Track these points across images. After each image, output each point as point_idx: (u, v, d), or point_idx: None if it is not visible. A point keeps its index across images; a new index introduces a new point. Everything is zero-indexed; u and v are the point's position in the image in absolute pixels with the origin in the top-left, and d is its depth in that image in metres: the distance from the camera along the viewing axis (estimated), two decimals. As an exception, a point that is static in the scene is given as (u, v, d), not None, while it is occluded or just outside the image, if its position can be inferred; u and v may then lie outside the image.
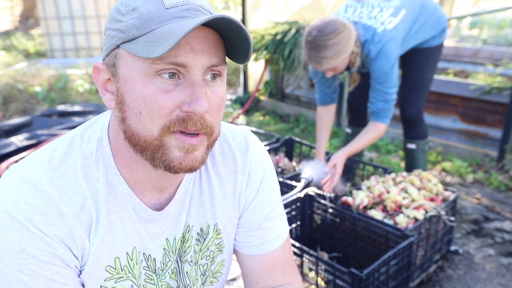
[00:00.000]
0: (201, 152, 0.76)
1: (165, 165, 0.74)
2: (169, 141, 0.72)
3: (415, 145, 2.63)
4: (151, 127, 0.71)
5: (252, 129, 3.33)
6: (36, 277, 0.71)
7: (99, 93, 0.78)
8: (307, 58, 2.13)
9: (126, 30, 0.70)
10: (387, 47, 2.16)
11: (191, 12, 0.69)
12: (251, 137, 0.98)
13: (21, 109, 4.98)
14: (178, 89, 0.70)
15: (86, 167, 0.79)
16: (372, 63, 2.21)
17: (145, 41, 0.68)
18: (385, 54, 2.16)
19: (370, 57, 2.19)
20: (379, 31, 2.17)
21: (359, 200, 2.07)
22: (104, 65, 0.76)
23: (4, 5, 12.11)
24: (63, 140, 0.82)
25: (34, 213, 0.72)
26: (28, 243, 0.71)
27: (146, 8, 0.69)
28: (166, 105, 0.70)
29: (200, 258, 0.94)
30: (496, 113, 3.46)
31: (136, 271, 0.85)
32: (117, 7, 0.73)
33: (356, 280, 1.60)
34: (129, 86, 0.72)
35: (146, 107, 0.70)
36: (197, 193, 0.91)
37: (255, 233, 0.98)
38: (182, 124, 0.71)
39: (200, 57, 0.70)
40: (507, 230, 2.55)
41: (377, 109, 2.27)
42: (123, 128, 0.75)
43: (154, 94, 0.69)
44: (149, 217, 0.85)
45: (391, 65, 2.18)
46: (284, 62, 4.48)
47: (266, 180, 0.98)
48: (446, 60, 4.31)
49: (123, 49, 0.71)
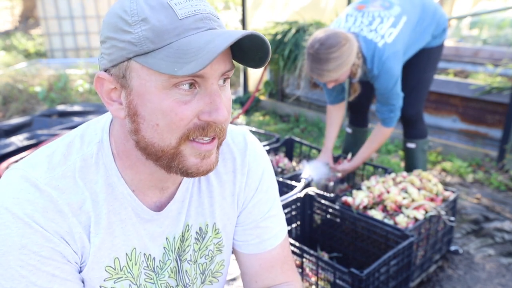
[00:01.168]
0: (215, 155, 0.78)
1: (182, 171, 0.76)
2: (185, 149, 0.74)
3: (415, 144, 2.64)
4: (169, 137, 0.72)
5: (252, 129, 3.33)
6: (37, 272, 0.72)
7: (104, 103, 0.77)
8: (309, 70, 2.15)
9: (139, 43, 0.68)
10: (389, 64, 2.17)
11: (204, 22, 0.69)
12: (250, 137, 0.99)
13: (21, 109, 4.98)
14: (196, 99, 0.71)
15: (85, 169, 0.79)
16: (375, 81, 2.26)
17: (164, 56, 0.67)
18: (387, 72, 2.19)
19: (373, 74, 2.23)
20: (380, 46, 2.17)
21: (359, 200, 2.07)
22: (110, 76, 0.73)
23: (4, 5, 12.12)
24: (62, 141, 0.83)
25: (35, 210, 0.73)
26: (29, 239, 0.72)
27: (158, 20, 0.67)
28: (186, 116, 0.70)
29: (199, 257, 0.95)
30: (496, 113, 3.46)
31: (135, 271, 0.85)
32: (119, 15, 0.70)
33: (356, 280, 1.60)
34: (144, 99, 0.71)
35: (165, 119, 0.70)
36: (196, 192, 0.92)
37: (253, 232, 0.99)
38: (202, 132, 0.72)
39: (216, 67, 0.70)
40: (507, 230, 2.55)
41: (384, 117, 2.38)
42: (135, 138, 0.75)
43: (173, 106, 0.70)
44: (149, 217, 0.85)
45: (394, 81, 2.23)
46: (284, 62, 4.48)
47: (265, 180, 0.99)
48: (446, 60, 4.31)
49: (136, 62, 0.69)
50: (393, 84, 2.23)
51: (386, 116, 2.37)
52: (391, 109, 2.33)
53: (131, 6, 0.69)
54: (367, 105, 2.83)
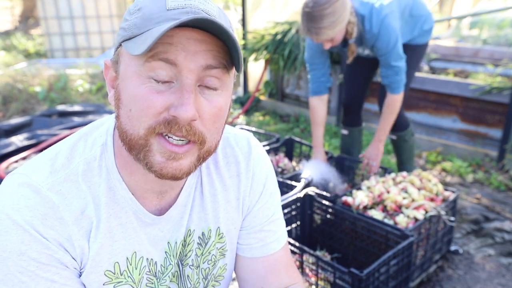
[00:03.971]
0: (188, 162, 0.74)
1: (148, 168, 0.73)
2: (153, 143, 0.71)
3: (395, 136, 2.73)
4: (138, 125, 0.71)
5: (252, 129, 3.33)
6: (36, 278, 0.73)
7: (108, 91, 0.79)
8: (305, 30, 2.18)
9: (129, 28, 0.71)
10: (388, 21, 2.20)
11: (189, 15, 0.68)
12: (253, 142, 0.99)
13: (21, 109, 4.97)
14: (170, 92, 0.69)
15: (89, 172, 0.79)
16: (376, 40, 2.25)
17: (139, 40, 0.68)
18: (387, 28, 2.21)
19: (372, 32, 2.23)
20: (376, 6, 2.21)
21: (359, 200, 2.07)
22: (111, 62, 0.77)
23: (4, 5, 12.12)
24: (66, 144, 0.82)
25: (34, 217, 0.73)
26: (28, 246, 0.72)
27: (149, 9, 0.69)
28: (155, 105, 0.69)
29: (201, 262, 0.94)
30: (496, 113, 3.46)
31: (135, 275, 0.85)
32: (129, 7, 0.75)
33: (356, 280, 1.60)
34: (125, 84, 0.72)
35: (136, 105, 0.70)
36: (199, 197, 0.91)
37: (257, 236, 0.98)
38: (167, 126, 0.69)
39: (193, 58, 0.68)
40: (507, 230, 2.55)
41: (390, 82, 2.36)
42: (117, 125, 0.75)
43: (146, 93, 0.69)
44: (150, 221, 0.84)
45: (394, 39, 2.24)
46: (284, 62, 4.48)
47: (269, 184, 0.99)
48: (446, 60, 4.31)
49: (123, 47, 0.72)
50: (394, 42, 2.24)
51: (391, 79, 2.34)
52: (396, 71, 2.31)
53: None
54: (361, 102, 2.83)
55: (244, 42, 5.03)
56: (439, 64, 4.28)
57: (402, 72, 2.33)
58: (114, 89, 0.76)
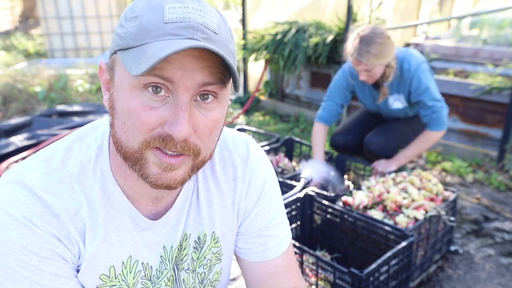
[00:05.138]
0: (182, 172, 0.73)
1: (143, 178, 0.73)
2: (149, 156, 0.70)
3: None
4: (132, 139, 0.70)
5: (252, 129, 3.33)
6: (39, 272, 0.72)
7: (103, 93, 0.78)
8: (353, 50, 2.30)
9: (124, 37, 0.68)
10: (425, 66, 2.42)
11: (188, 30, 0.65)
12: (252, 145, 0.96)
13: (21, 109, 4.97)
14: (164, 108, 0.68)
15: (83, 175, 0.79)
16: (412, 78, 2.40)
17: (135, 54, 0.66)
18: (423, 71, 2.40)
19: (410, 71, 2.40)
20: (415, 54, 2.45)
21: (359, 200, 2.06)
22: (105, 66, 0.75)
23: (4, 5, 12.12)
24: (61, 145, 0.82)
25: (32, 213, 0.73)
26: (29, 240, 0.72)
27: (146, 18, 0.66)
28: (149, 122, 0.67)
29: (197, 266, 0.94)
30: (496, 113, 3.46)
31: (130, 279, 0.84)
32: (126, 10, 0.72)
33: (356, 280, 1.60)
34: (119, 94, 0.70)
35: (129, 120, 0.69)
36: (195, 201, 0.90)
37: (257, 240, 0.97)
38: (161, 142, 0.68)
39: (190, 75, 0.66)
40: (507, 230, 2.55)
41: (428, 120, 2.47)
42: (112, 132, 0.74)
43: (138, 108, 0.67)
44: (146, 225, 0.84)
45: (429, 78, 2.41)
46: (284, 62, 4.48)
47: (267, 188, 0.96)
48: (446, 60, 4.31)
49: (118, 56, 0.70)
50: (429, 80, 2.40)
51: (429, 118, 2.44)
52: (433, 110, 2.42)
53: (136, 3, 0.70)
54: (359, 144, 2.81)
55: (244, 42, 5.03)
56: (439, 64, 4.28)
57: (439, 111, 2.42)
58: (109, 95, 0.74)
